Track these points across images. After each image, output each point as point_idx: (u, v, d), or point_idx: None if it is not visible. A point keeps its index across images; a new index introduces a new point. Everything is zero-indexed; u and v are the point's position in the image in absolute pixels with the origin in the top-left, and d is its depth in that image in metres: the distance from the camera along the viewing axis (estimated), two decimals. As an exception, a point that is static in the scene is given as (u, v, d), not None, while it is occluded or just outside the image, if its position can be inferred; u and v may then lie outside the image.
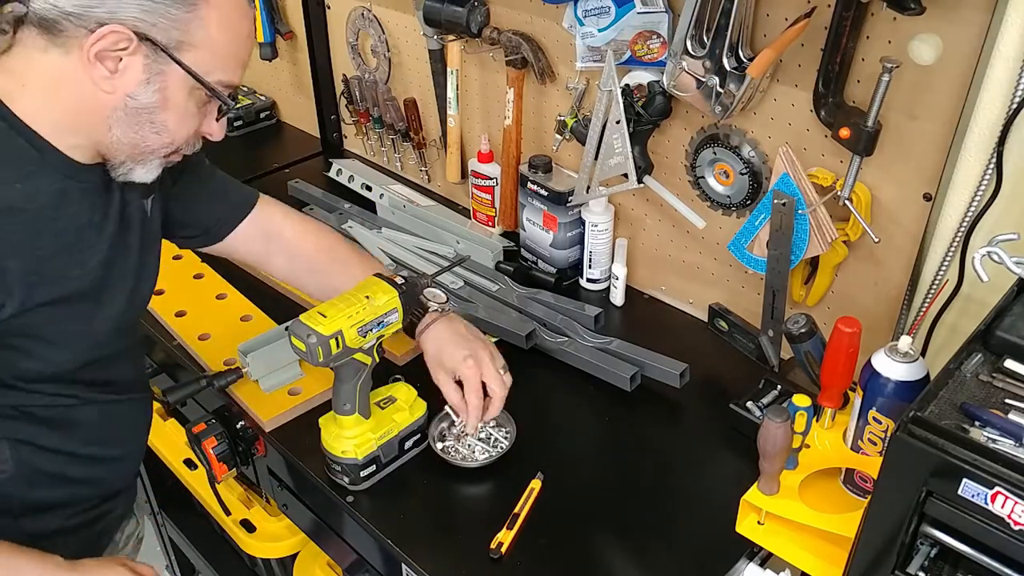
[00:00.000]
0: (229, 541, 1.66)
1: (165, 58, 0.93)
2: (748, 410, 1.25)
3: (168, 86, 0.95)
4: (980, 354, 0.82)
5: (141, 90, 0.94)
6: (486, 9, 1.57)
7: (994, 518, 0.69)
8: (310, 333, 1.08)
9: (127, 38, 0.90)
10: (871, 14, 1.09)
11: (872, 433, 1.02)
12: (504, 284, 1.59)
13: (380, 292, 1.14)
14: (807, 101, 1.19)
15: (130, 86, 0.93)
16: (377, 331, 1.13)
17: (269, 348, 1.33)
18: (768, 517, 1.02)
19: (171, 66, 0.93)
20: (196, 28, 0.93)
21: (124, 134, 0.97)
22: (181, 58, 0.94)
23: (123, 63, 0.92)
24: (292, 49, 2.15)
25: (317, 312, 1.10)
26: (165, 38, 0.92)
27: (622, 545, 1.12)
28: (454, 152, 1.79)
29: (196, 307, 1.53)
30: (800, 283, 1.34)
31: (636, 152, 1.38)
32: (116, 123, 0.95)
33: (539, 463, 1.22)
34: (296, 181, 1.94)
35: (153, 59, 0.93)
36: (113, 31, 0.89)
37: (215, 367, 1.39)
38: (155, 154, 1.01)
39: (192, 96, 0.98)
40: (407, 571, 1.12)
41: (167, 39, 0.92)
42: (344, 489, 1.19)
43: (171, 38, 0.92)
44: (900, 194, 1.17)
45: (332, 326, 1.09)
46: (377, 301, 1.13)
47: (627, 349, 1.38)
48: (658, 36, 1.32)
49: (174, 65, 0.93)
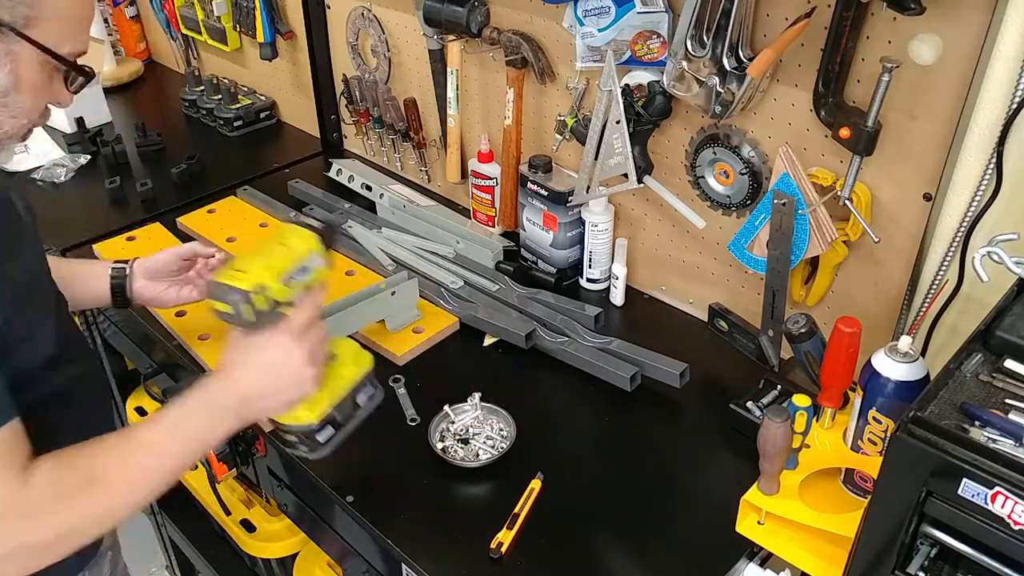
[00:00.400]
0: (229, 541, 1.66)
1: (14, 37, 0.87)
2: (748, 410, 1.25)
3: (19, 65, 0.89)
4: (980, 354, 0.82)
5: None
6: (486, 9, 1.57)
7: (994, 518, 0.69)
8: (231, 291, 0.94)
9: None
10: (871, 14, 1.09)
11: (872, 433, 1.02)
12: (504, 284, 1.59)
13: (295, 237, 1.01)
14: (807, 101, 1.19)
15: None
16: (301, 279, 1.00)
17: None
18: (768, 517, 1.02)
19: (21, 44, 0.88)
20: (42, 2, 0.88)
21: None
22: (31, 35, 0.88)
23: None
24: (292, 49, 2.15)
25: (232, 268, 0.96)
26: (10, 16, 0.86)
27: (622, 545, 1.12)
28: (454, 152, 1.79)
29: (195, 307, 1.52)
30: (800, 283, 1.34)
31: (636, 152, 1.38)
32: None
33: (539, 463, 1.22)
34: (296, 181, 1.94)
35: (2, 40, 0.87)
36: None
37: (216, 367, 1.38)
38: (13, 138, 0.96)
39: (44, 70, 0.93)
40: (407, 571, 1.12)
41: (13, 16, 0.87)
42: (345, 489, 1.19)
43: (17, 14, 0.87)
44: (900, 194, 1.17)
45: (253, 279, 0.96)
46: (295, 246, 1.01)
47: (627, 349, 1.38)
48: (658, 36, 1.32)
49: (24, 43, 0.88)
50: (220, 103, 2.27)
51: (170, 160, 2.07)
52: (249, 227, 1.79)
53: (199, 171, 2.03)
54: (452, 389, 1.33)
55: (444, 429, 1.28)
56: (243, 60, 2.37)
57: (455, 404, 1.30)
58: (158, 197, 1.92)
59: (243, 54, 2.35)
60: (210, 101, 2.30)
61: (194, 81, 2.38)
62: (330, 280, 1.06)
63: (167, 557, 2.19)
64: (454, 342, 1.48)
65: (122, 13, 2.62)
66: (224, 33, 2.27)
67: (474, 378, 1.37)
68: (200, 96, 2.33)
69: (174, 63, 2.64)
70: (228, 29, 2.26)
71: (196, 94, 2.34)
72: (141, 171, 2.07)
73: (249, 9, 2.11)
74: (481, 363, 1.44)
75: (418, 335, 1.47)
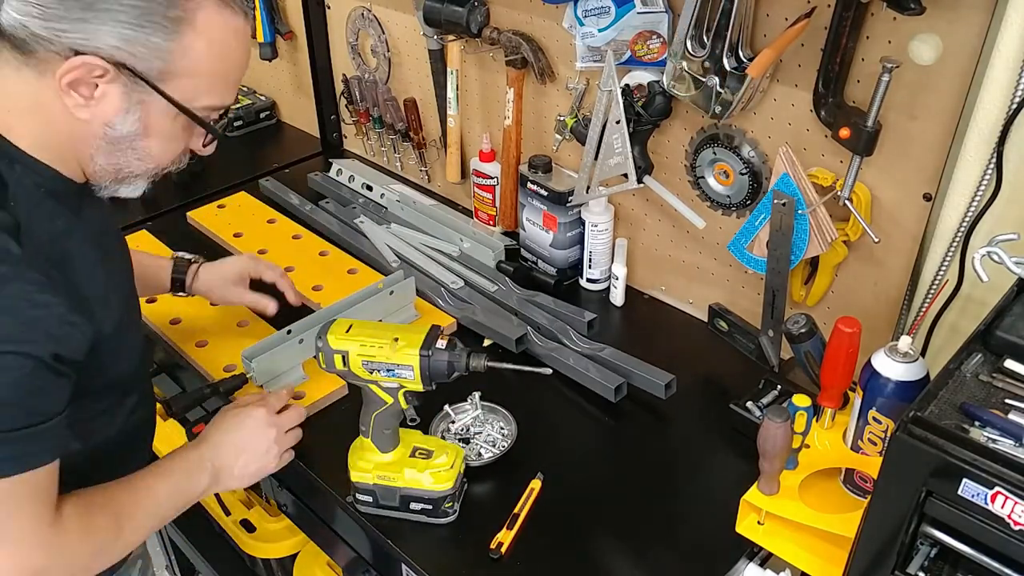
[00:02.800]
0: (229, 541, 1.66)
1: (146, 88, 0.88)
2: (748, 410, 1.25)
3: (150, 114, 0.90)
4: (980, 354, 0.82)
5: (120, 119, 0.89)
6: (486, 9, 1.57)
7: (994, 518, 0.69)
8: (322, 337, 1.09)
9: (103, 67, 0.85)
10: (871, 14, 1.09)
11: (872, 433, 1.02)
12: (504, 285, 1.58)
13: (409, 344, 1.07)
14: (807, 101, 1.19)
15: (108, 115, 0.89)
16: (388, 376, 1.09)
17: (273, 353, 1.33)
18: (768, 517, 1.02)
19: (153, 95, 0.89)
20: (180, 57, 0.88)
21: (107, 161, 0.93)
22: (163, 88, 0.89)
23: (99, 90, 0.87)
24: (292, 49, 2.15)
25: (350, 322, 1.10)
26: (145, 67, 0.87)
27: (622, 545, 1.12)
28: (454, 152, 1.79)
29: (190, 314, 1.52)
30: (800, 283, 1.34)
31: (636, 152, 1.38)
32: (97, 151, 0.92)
33: (539, 463, 1.22)
34: (316, 174, 1.97)
35: (132, 88, 0.88)
36: (86, 63, 0.84)
37: (215, 373, 1.39)
38: (140, 177, 0.98)
39: (177, 121, 0.93)
40: (407, 571, 1.12)
41: (147, 68, 0.87)
42: (344, 489, 1.19)
43: (152, 67, 0.87)
44: (900, 194, 1.17)
45: (342, 343, 1.08)
46: (400, 349, 1.07)
47: (617, 357, 1.37)
48: (658, 36, 1.32)
49: (156, 95, 0.89)
50: (220, 103, 2.27)
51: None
52: (257, 223, 1.80)
53: (199, 171, 2.03)
54: (451, 389, 1.32)
55: (445, 428, 1.28)
56: (243, 60, 2.37)
57: (454, 404, 1.30)
58: (158, 196, 1.92)
59: (243, 54, 2.35)
60: (210, 101, 2.30)
61: (194, 81, 2.38)
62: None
63: (167, 557, 2.19)
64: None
65: (122, 13, 2.62)
66: (224, 33, 2.27)
67: (473, 378, 1.36)
68: (200, 96, 2.33)
69: (174, 63, 2.63)
70: (228, 29, 2.26)
71: (196, 94, 2.34)
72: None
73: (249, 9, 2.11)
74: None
75: (417, 335, 1.46)
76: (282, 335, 1.35)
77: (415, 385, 1.09)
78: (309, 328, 1.36)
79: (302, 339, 1.35)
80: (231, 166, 2.09)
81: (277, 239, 1.74)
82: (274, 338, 1.35)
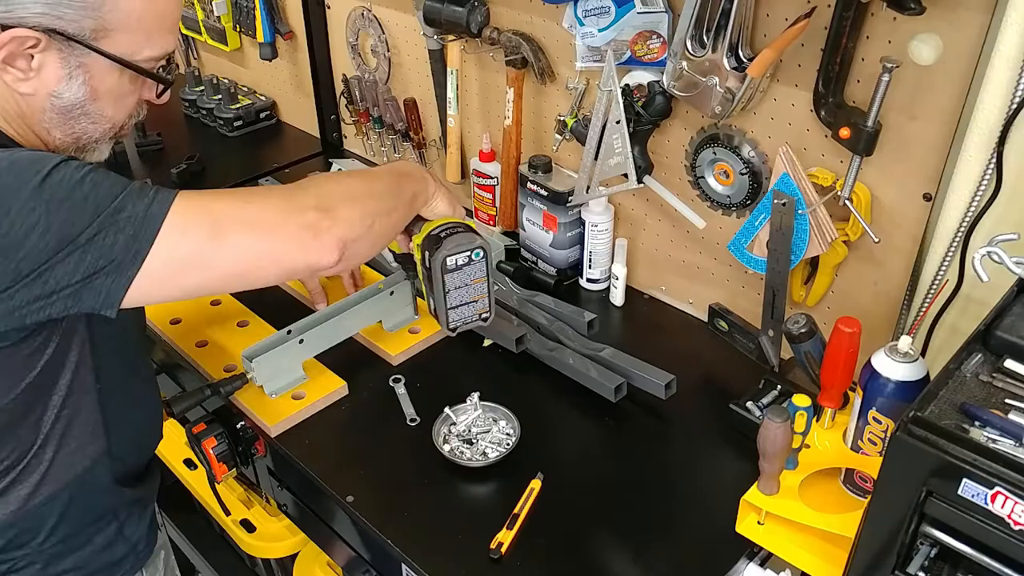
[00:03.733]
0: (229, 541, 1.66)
1: (83, 49, 0.86)
2: (748, 410, 1.25)
3: (93, 76, 0.89)
4: (980, 354, 0.82)
5: (64, 87, 0.88)
6: (486, 9, 1.57)
7: (994, 518, 0.69)
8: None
9: (33, 37, 0.83)
10: (871, 14, 1.09)
11: (872, 433, 1.02)
12: (504, 285, 1.58)
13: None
14: (807, 101, 1.19)
15: (50, 85, 0.88)
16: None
17: (273, 353, 1.33)
18: (768, 517, 1.02)
19: (92, 56, 0.87)
20: (110, 10, 0.86)
21: (64, 133, 0.92)
22: (101, 46, 0.87)
23: (36, 61, 0.86)
24: (292, 49, 2.15)
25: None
26: (77, 29, 0.85)
27: (622, 545, 1.12)
28: (454, 152, 1.79)
29: (190, 315, 1.52)
30: (800, 283, 1.34)
31: (636, 152, 1.38)
32: (52, 125, 0.91)
33: (539, 463, 1.22)
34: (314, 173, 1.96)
35: (69, 53, 0.86)
36: (15, 37, 0.83)
37: (215, 374, 1.39)
38: (100, 141, 0.97)
39: (123, 77, 0.91)
40: (407, 571, 1.12)
41: (79, 30, 0.85)
42: (344, 489, 1.19)
43: (84, 28, 0.85)
44: (900, 194, 1.17)
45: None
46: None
47: (616, 357, 1.37)
48: (658, 36, 1.32)
49: (95, 55, 0.87)
50: (220, 103, 2.27)
51: (170, 160, 2.07)
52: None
53: (199, 171, 2.03)
54: (450, 389, 1.33)
55: (447, 432, 1.28)
56: (243, 60, 2.37)
57: (455, 405, 1.30)
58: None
59: (243, 54, 2.35)
60: (210, 101, 2.30)
61: (194, 81, 2.38)
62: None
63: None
64: (452, 343, 1.47)
65: (122, 13, 2.62)
66: (224, 33, 2.27)
67: (472, 378, 1.37)
68: (200, 96, 2.33)
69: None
70: (228, 29, 2.26)
71: (196, 94, 2.34)
72: (141, 171, 2.07)
73: (249, 9, 2.11)
74: (479, 364, 1.43)
75: (414, 335, 1.46)
76: (282, 335, 1.35)
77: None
78: (309, 328, 1.36)
79: (302, 339, 1.35)
80: (231, 166, 2.09)
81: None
82: (275, 338, 1.35)
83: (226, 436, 1.30)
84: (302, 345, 1.36)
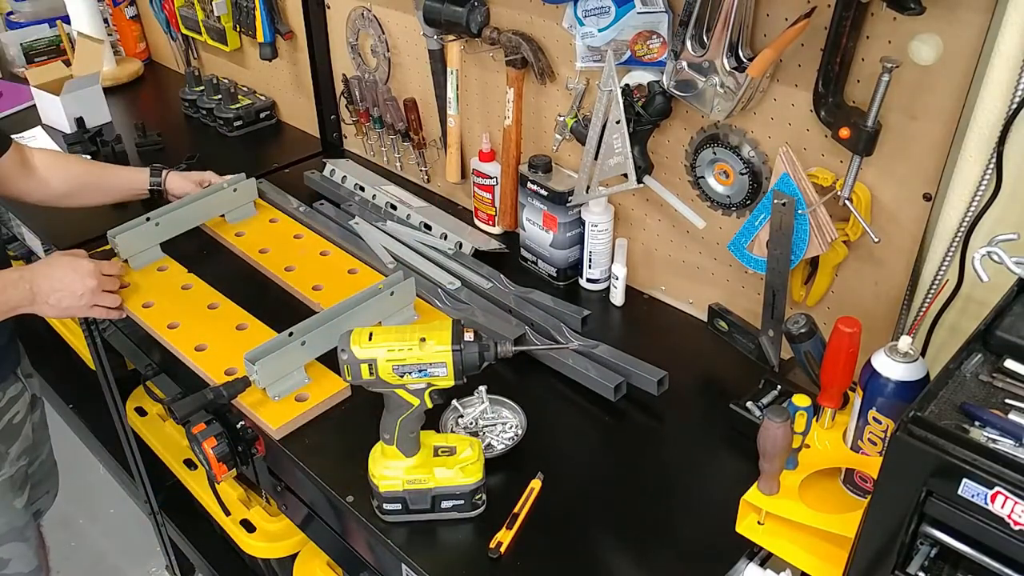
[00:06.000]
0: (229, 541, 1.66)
1: None
2: (748, 410, 1.25)
3: None
4: (980, 354, 0.82)
5: None
6: (486, 9, 1.57)
7: (994, 518, 0.69)
8: (345, 349, 1.06)
9: None
10: (871, 14, 1.09)
11: (872, 433, 1.02)
12: (499, 283, 1.58)
13: (438, 341, 1.07)
14: (807, 101, 1.19)
15: None
16: (419, 377, 1.07)
17: (276, 355, 1.33)
18: (768, 517, 1.02)
19: None
20: None
21: None
22: None
23: None
24: (292, 49, 2.15)
25: (370, 330, 1.07)
26: None
27: (622, 545, 1.12)
28: (454, 152, 1.79)
29: (188, 318, 1.52)
30: (800, 283, 1.34)
31: (636, 152, 1.38)
32: None
33: (539, 463, 1.22)
34: (312, 172, 1.98)
35: None
36: None
37: (216, 377, 1.38)
38: None
39: None
40: (407, 571, 1.12)
41: None
42: (345, 489, 1.19)
43: None
44: (900, 194, 1.17)
45: (367, 352, 1.06)
46: (429, 348, 1.06)
47: (610, 354, 1.37)
48: (658, 36, 1.32)
49: None
50: (220, 103, 2.27)
51: (170, 160, 2.07)
52: (259, 223, 1.80)
53: (199, 171, 2.03)
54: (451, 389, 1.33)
55: (453, 424, 1.28)
56: (243, 60, 2.37)
57: (462, 398, 1.30)
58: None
59: (243, 54, 2.35)
60: (210, 101, 2.30)
61: (194, 81, 2.38)
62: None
63: (167, 557, 2.19)
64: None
65: (122, 13, 2.62)
66: (224, 33, 2.27)
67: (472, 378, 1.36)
68: (200, 96, 2.33)
69: (174, 63, 2.64)
70: (228, 29, 2.26)
71: (196, 94, 2.34)
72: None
73: (249, 9, 2.11)
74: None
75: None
76: (284, 337, 1.35)
77: (446, 381, 1.08)
78: (311, 330, 1.36)
79: (304, 341, 1.35)
80: (231, 166, 2.09)
81: (278, 239, 1.74)
82: (276, 340, 1.35)
83: (226, 436, 1.30)
84: (304, 347, 1.36)
